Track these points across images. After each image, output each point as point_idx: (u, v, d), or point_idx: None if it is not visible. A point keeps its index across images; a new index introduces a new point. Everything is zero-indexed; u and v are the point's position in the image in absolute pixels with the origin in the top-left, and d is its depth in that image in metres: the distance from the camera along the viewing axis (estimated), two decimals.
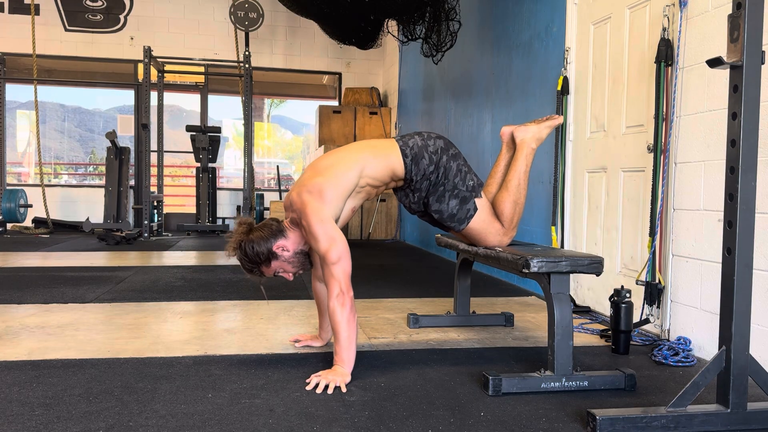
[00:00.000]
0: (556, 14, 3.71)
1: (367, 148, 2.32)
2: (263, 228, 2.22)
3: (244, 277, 4.24)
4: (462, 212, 2.31)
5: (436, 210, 2.32)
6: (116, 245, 6.41)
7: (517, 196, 2.36)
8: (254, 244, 2.18)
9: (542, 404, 1.87)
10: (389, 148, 2.29)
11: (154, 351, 2.39)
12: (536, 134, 2.44)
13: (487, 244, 2.38)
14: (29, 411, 1.74)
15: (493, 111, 4.71)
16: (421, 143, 2.29)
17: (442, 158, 2.29)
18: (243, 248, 2.19)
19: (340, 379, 1.98)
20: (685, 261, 2.56)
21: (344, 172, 2.22)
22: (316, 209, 2.12)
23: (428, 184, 2.30)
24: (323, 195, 2.16)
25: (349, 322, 2.05)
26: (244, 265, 2.23)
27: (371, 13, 5.20)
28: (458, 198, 2.30)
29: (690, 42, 2.54)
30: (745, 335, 1.62)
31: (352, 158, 2.26)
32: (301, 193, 2.18)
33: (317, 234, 2.09)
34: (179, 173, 12.60)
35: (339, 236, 2.11)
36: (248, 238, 2.19)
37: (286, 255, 2.23)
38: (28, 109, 9.96)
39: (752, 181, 1.61)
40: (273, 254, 2.20)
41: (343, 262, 2.08)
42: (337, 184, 2.19)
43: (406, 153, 2.27)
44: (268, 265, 2.22)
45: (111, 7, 8.54)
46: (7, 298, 3.38)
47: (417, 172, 2.27)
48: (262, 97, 11.72)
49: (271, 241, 2.20)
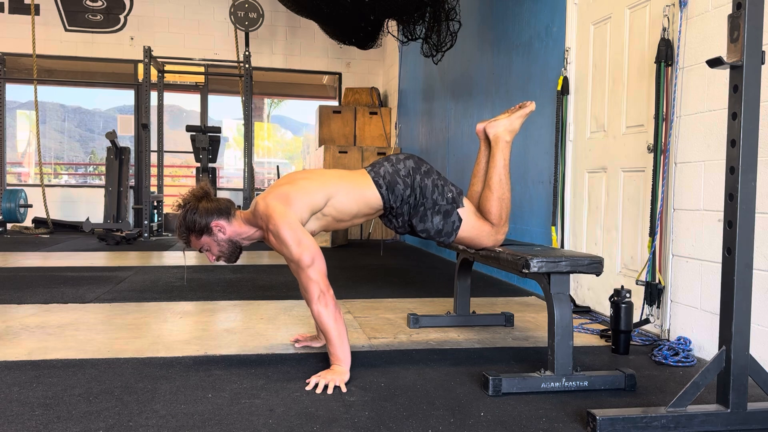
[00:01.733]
0: (556, 14, 3.71)
1: (340, 178, 2.27)
2: (214, 201, 2.21)
3: (245, 277, 4.25)
4: (448, 226, 2.30)
5: (422, 230, 2.31)
6: (116, 245, 6.41)
7: (500, 193, 2.33)
8: (197, 213, 2.17)
9: (542, 404, 1.87)
10: (362, 182, 2.26)
11: (154, 351, 2.39)
12: (508, 126, 2.42)
13: (482, 246, 2.38)
14: (29, 411, 1.74)
15: (493, 111, 4.71)
16: (392, 169, 2.27)
17: (415, 179, 2.27)
18: (186, 210, 2.18)
19: (339, 379, 1.98)
20: (685, 261, 2.56)
21: (313, 191, 2.19)
22: (282, 213, 2.10)
23: (408, 207, 2.29)
24: (290, 200, 2.14)
25: (336, 321, 2.05)
26: (179, 227, 2.21)
27: (371, 13, 5.20)
28: (441, 213, 2.29)
29: (690, 42, 2.54)
30: (745, 335, 1.62)
31: (323, 181, 2.24)
32: (267, 199, 2.16)
33: (286, 239, 2.07)
34: (179, 173, 12.60)
35: (307, 239, 2.08)
36: (196, 204, 2.19)
37: (220, 236, 2.20)
38: (28, 109, 9.96)
39: (752, 181, 1.61)
40: (208, 229, 2.18)
41: (317, 263, 2.07)
42: (304, 195, 2.17)
43: (380, 183, 2.24)
44: (199, 237, 2.20)
45: (111, 7, 8.54)
46: (7, 298, 3.38)
47: (395, 199, 2.26)
48: (262, 97, 11.72)
49: (213, 217, 2.18)
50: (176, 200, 2.24)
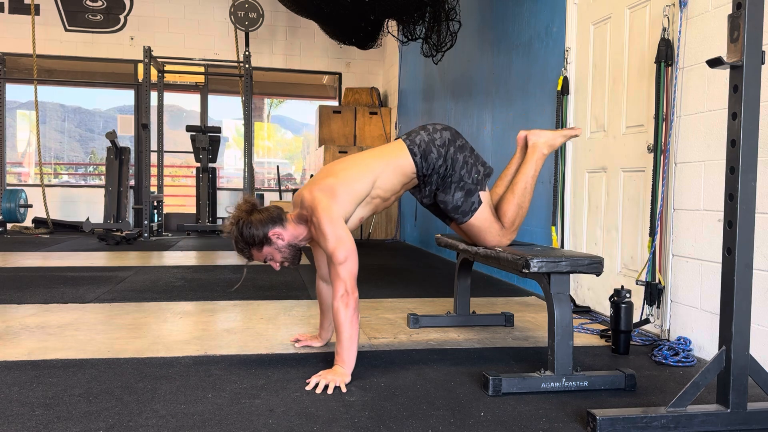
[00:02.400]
0: (556, 14, 3.71)
1: (379, 156, 2.31)
2: (264, 211, 2.23)
3: (245, 277, 4.24)
4: (466, 204, 2.32)
5: (442, 201, 2.34)
6: (116, 245, 6.41)
7: (522, 200, 2.37)
8: (252, 226, 2.18)
9: (542, 404, 1.87)
10: (398, 152, 2.29)
11: (154, 351, 2.39)
12: (549, 140, 2.45)
13: (486, 243, 2.38)
14: (29, 411, 1.74)
15: (493, 111, 4.71)
16: (428, 138, 2.30)
17: (449, 150, 2.30)
18: (240, 226, 2.19)
19: (340, 379, 1.98)
20: (685, 261, 2.56)
21: (358, 178, 2.23)
22: (327, 207, 2.12)
23: (437, 177, 2.31)
24: (335, 194, 2.16)
25: (352, 323, 2.05)
26: (237, 243, 2.22)
27: (371, 13, 5.20)
28: (463, 190, 2.31)
29: (690, 42, 2.54)
30: (745, 335, 1.62)
31: (366, 166, 2.27)
32: (313, 191, 2.18)
33: (326, 232, 2.09)
34: (179, 173, 12.59)
35: (347, 237, 2.11)
36: (248, 218, 2.19)
37: (279, 243, 2.22)
38: (28, 109, 9.96)
39: (752, 181, 1.61)
40: (267, 239, 2.20)
41: (350, 262, 2.08)
42: (349, 187, 2.20)
43: (415, 151, 2.28)
44: (260, 249, 2.22)
45: (111, 7, 8.54)
46: (7, 298, 3.38)
47: (427, 167, 2.29)
48: (262, 97, 11.72)
49: (269, 227, 2.20)
50: (226, 221, 2.25)
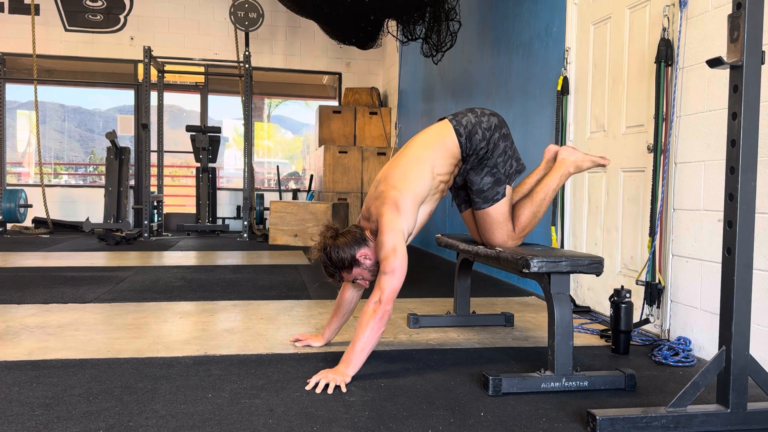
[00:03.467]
0: (556, 14, 3.71)
1: (429, 143, 2.35)
2: (347, 234, 2.26)
3: (245, 277, 4.25)
4: (491, 192, 2.35)
5: (470, 179, 2.38)
6: (116, 245, 6.41)
7: (537, 209, 2.40)
8: (339, 250, 2.22)
9: (542, 404, 1.87)
10: (445, 133, 2.34)
11: (154, 351, 2.39)
12: (578, 161, 2.48)
13: (494, 239, 2.40)
14: (29, 411, 1.74)
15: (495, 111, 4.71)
16: (475, 120, 2.34)
17: (494, 135, 2.34)
18: (328, 252, 2.23)
19: (340, 379, 1.98)
20: (685, 261, 2.56)
21: (418, 179, 2.27)
22: (390, 219, 2.17)
23: (476, 158, 2.35)
24: (399, 207, 2.20)
25: (373, 330, 2.06)
26: (327, 268, 2.27)
27: (371, 13, 5.20)
28: (494, 177, 2.35)
29: (690, 42, 2.54)
30: (745, 335, 1.62)
31: (420, 160, 2.31)
32: (379, 206, 2.23)
33: (384, 241, 2.14)
34: (179, 173, 12.59)
35: (402, 251, 2.13)
36: (334, 243, 2.23)
37: (367, 263, 2.26)
38: (28, 109, 9.96)
39: (752, 181, 1.61)
40: (356, 261, 2.24)
41: (396, 276, 2.10)
42: (411, 195, 2.24)
43: (461, 132, 2.32)
44: (350, 271, 2.25)
45: (111, 7, 8.54)
46: (7, 298, 3.38)
47: (471, 148, 2.33)
48: (262, 97, 11.72)
49: (355, 249, 2.23)
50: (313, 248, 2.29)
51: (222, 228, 8.03)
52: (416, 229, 2.30)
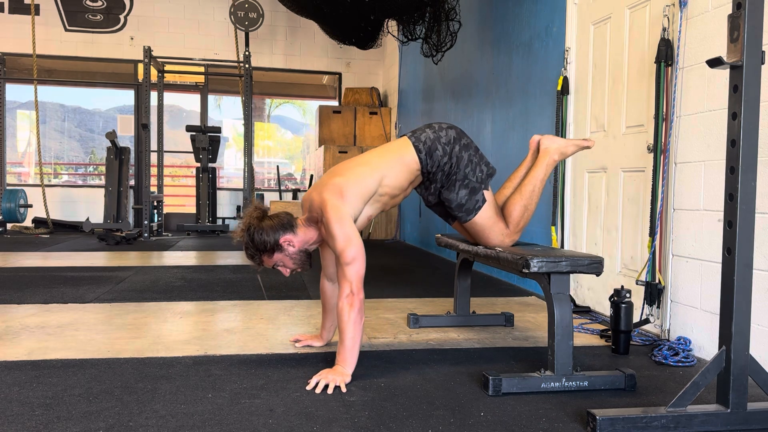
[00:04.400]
0: (556, 14, 3.71)
1: (384, 154, 2.33)
2: (275, 218, 2.23)
3: (245, 277, 4.25)
4: (471, 203, 2.33)
5: (446, 198, 2.35)
6: (116, 245, 6.41)
7: (528, 202, 2.38)
8: (263, 232, 2.19)
9: (542, 404, 1.87)
10: (404, 149, 2.31)
11: (154, 351, 2.39)
12: (561, 147, 2.47)
13: (489, 242, 2.39)
14: (29, 411, 1.74)
15: (493, 111, 4.71)
16: (434, 136, 2.32)
17: (454, 148, 2.31)
18: (251, 233, 2.19)
19: (340, 379, 1.98)
20: (685, 261, 2.56)
21: (365, 176, 2.24)
22: (336, 207, 2.13)
23: (442, 175, 2.33)
24: (343, 194, 2.17)
25: (356, 324, 2.05)
26: (248, 250, 2.23)
27: (371, 13, 5.20)
28: (468, 188, 2.32)
29: (690, 42, 2.54)
30: (745, 335, 1.62)
31: (373, 164, 2.29)
32: (321, 192, 2.20)
33: (335, 232, 2.10)
34: (179, 173, 12.59)
35: (356, 237, 2.11)
36: (259, 225, 2.20)
37: (290, 250, 2.23)
38: (28, 109, 9.95)
39: (752, 181, 1.61)
40: (278, 246, 2.21)
41: (357, 263, 2.09)
42: (357, 185, 2.21)
43: (420, 148, 2.29)
44: (271, 255, 2.22)
45: (111, 7, 8.54)
46: (7, 298, 3.38)
47: (432, 164, 2.30)
48: (262, 97, 11.71)
49: (280, 233, 2.20)
50: (237, 227, 2.26)
51: (222, 228, 8.03)
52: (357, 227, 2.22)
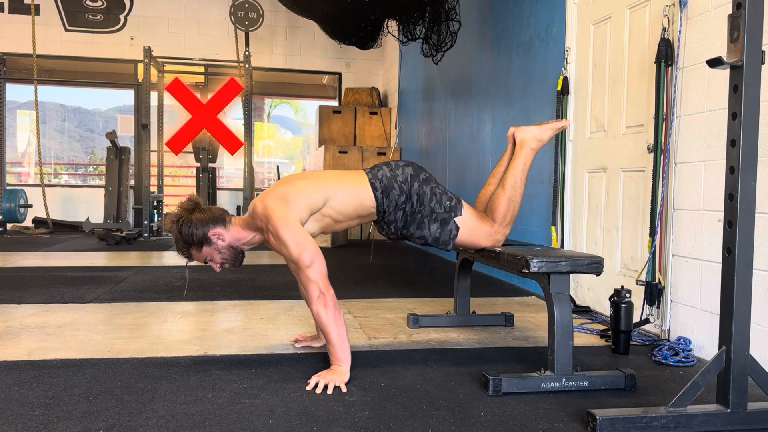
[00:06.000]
0: (556, 14, 3.71)
1: (336, 179, 2.30)
2: (206, 211, 2.21)
3: (245, 277, 4.25)
4: (445, 234, 2.31)
5: (419, 236, 2.33)
6: (116, 245, 6.41)
7: (512, 194, 2.35)
8: (191, 225, 2.16)
9: (542, 404, 1.87)
10: (359, 182, 2.27)
11: (154, 351, 2.39)
12: (537, 135, 2.43)
13: (481, 246, 2.38)
14: (29, 411, 1.74)
15: (493, 111, 4.71)
16: (390, 174, 2.28)
17: (413, 186, 2.28)
18: (179, 225, 2.17)
19: (339, 379, 1.98)
20: (685, 261, 2.56)
21: (311, 190, 2.21)
22: (282, 214, 2.11)
23: (403, 214, 2.29)
24: (288, 201, 2.15)
25: (336, 321, 2.05)
26: (177, 242, 2.21)
27: (371, 13, 5.20)
28: (438, 221, 2.30)
29: (690, 42, 2.54)
30: (745, 335, 1.62)
31: (321, 182, 2.26)
32: (265, 200, 2.17)
33: (285, 239, 2.07)
34: (179, 173, 12.59)
35: (307, 239, 2.09)
36: (188, 217, 2.18)
37: (219, 244, 2.20)
38: (28, 109, 9.95)
39: (752, 181, 1.61)
40: (207, 239, 2.18)
41: (317, 263, 2.07)
42: (303, 195, 2.18)
43: (376, 186, 2.26)
44: (199, 249, 2.20)
45: (111, 7, 8.54)
46: (7, 298, 3.38)
47: (389, 204, 2.27)
48: (262, 97, 11.71)
49: (209, 226, 2.18)
50: (167, 218, 2.24)
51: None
52: None
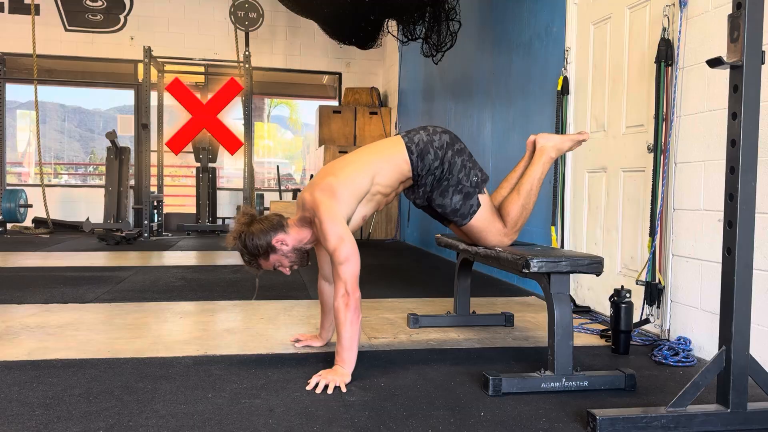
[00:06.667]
0: (556, 14, 3.71)
1: (376, 152, 2.32)
2: (264, 221, 2.24)
3: (245, 277, 4.25)
4: (465, 207, 2.33)
5: (440, 204, 2.34)
6: (116, 245, 6.41)
7: (526, 201, 2.38)
8: (254, 237, 2.19)
9: (542, 404, 1.87)
10: (396, 148, 2.30)
11: (154, 351, 2.39)
12: (557, 144, 2.46)
13: (488, 243, 2.39)
14: (29, 411, 1.74)
15: (493, 111, 4.71)
16: (427, 138, 2.30)
17: (447, 153, 2.30)
18: (243, 239, 2.20)
19: (339, 379, 1.98)
20: (685, 261, 2.56)
21: (357, 175, 2.23)
22: (328, 207, 2.13)
23: (432, 179, 2.31)
24: (336, 194, 2.17)
25: (352, 324, 2.05)
26: (243, 256, 2.24)
27: (371, 13, 5.20)
28: (462, 193, 2.31)
29: (690, 42, 2.54)
30: (745, 335, 1.62)
31: (364, 162, 2.28)
32: (314, 192, 2.19)
33: (327, 232, 2.10)
34: (179, 173, 12.58)
35: (348, 237, 2.11)
36: (249, 230, 2.20)
37: (284, 249, 2.23)
38: (28, 109, 9.95)
39: (752, 181, 1.60)
40: (272, 247, 2.21)
41: (351, 263, 2.08)
42: (349, 185, 2.20)
43: (412, 150, 2.28)
44: (267, 258, 2.23)
45: (111, 7, 8.54)
46: (7, 298, 3.38)
47: (422, 168, 2.29)
48: (262, 97, 11.71)
49: (271, 235, 2.21)
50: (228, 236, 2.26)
51: (222, 228, 8.02)
52: (351, 229, 2.21)
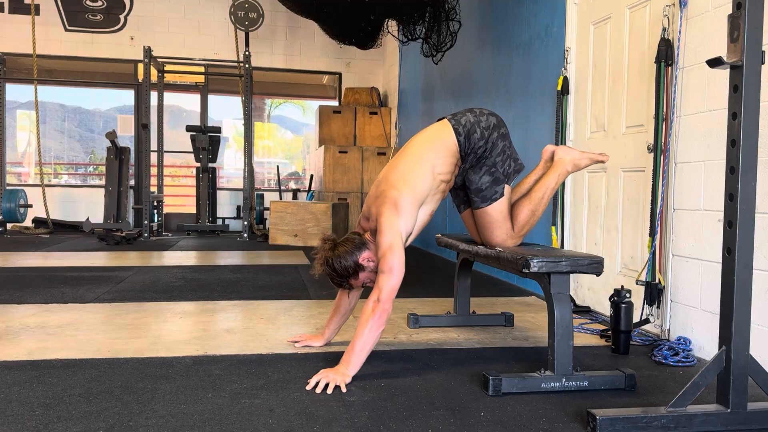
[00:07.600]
0: (556, 14, 3.71)
1: (428, 143, 2.37)
2: (347, 243, 2.27)
3: (245, 277, 4.25)
4: (489, 191, 2.36)
5: (469, 179, 2.38)
6: (116, 245, 6.41)
7: (536, 208, 2.41)
8: (341, 259, 2.23)
9: (542, 404, 1.87)
10: (444, 133, 2.35)
11: (154, 351, 2.39)
12: (576, 159, 2.49)
13: (492, 238, 2.40)
14: (29, 411, 1.74)
15: (493, 111, 4.71)
16: (474, 119, 2.36)
17: (492, 134, 2.35)
18: (331, 264, 2.24)
19: (340, 379, 1.98)
20: (685, 261, 2.56)
21: (417, 181, 2.27)
22: (389, 219, 2.18)
23: (473, 158, 2.36)
24: (398, 207, 2.21)
25: (371, 330, 2.06)
26: (334, 279, 2.28)
27: (371, 13, 5.20)
28: (492, 176, 2.35)
29: (690, 42, 2.54)
30: (745, 335, 1.62)
31: (419, 159, 2.32)
32: (379, 206, 2.25)
33: (382, 241, 2.15)
34: (179, 173, 12.58)
35: (399, 249, 2.14)
36: (334, 254, 2.24)
37: (371, 266, 2.26)
38: (28, 109, 9.95)
39: (752, 181, 1.61)
40: (360, 266, 2.24)
41: (393, 275, 2.10)
42: (411, 196, 2.24)
43: (459, 131, 2.33)
44: (357, 277, 2.26)
45: (111, 7, 8.54)
46: (7, 298, 3.38)
47: (468, 147, 2.34)
48: (262, 97, 11.71)
49: (356, 254, 2.24)
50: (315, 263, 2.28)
51: (222, 228, 8.02)
52: (417, 229, 2.30)
